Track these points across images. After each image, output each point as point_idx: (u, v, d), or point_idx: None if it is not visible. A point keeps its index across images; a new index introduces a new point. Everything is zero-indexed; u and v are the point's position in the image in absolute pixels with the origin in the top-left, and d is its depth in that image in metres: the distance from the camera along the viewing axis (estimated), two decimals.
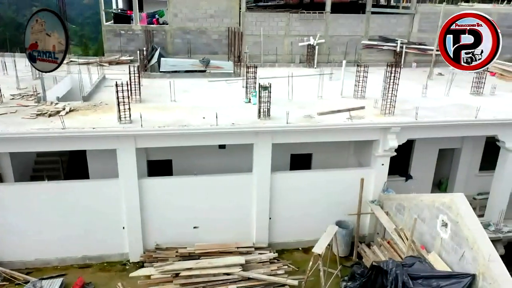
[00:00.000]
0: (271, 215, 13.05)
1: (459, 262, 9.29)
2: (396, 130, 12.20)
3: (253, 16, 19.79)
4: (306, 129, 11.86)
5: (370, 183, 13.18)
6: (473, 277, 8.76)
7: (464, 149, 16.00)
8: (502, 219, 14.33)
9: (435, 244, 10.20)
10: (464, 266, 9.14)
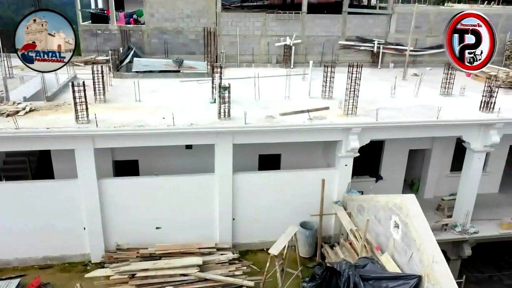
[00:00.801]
0: (234, 215, 13.03)
1: (408, 263, 9.29)
2: (357, 131, 12.17)
3: (229, 16, 19.76)
4: (265, 129, 11.83)
5: (334, 184, 13.18)
6: (419, 278, 8.76)
7: (434, 150, 15.99)
8: (469, 220, 14.38)
9: (389, 245, 10.18)
10: (412, 267, 9.13)
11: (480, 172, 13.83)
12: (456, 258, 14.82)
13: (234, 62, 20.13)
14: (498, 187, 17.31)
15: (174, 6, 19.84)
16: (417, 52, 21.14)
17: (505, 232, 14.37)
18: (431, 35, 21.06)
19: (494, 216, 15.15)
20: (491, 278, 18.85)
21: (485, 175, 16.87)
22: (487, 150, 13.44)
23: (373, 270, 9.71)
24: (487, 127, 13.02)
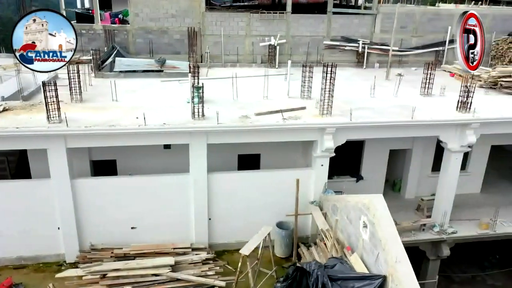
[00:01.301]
0: (210, 215, 13.02)
1: (375, 263, 9.27)
2: (331, 131, 12.15)
3: (213, 16, 19.73)
4: (237, 129, 11.81)
5: (310, 184, 13.16)
6: (384, 279, 8.75)
7: (415, 150, 15.98)
8: (448, 220, 14.39)
9: (359, 245, 10.17)
10: (379, 267, 9.12)
11: (457, 172, 13.80)
12: (435, 258, 14.80)
13: (219, 62, 20.11)
14: (480, 187, 17.29)
15: (159, 5, 19.80)
16: (402, 52, 21.12)
17: (484, 232, 14.35)
18: (417, 35, 21.05)
19: (475, 217, 15.12)
20: (475, 278, 18.86)
21: (467, 175, 16.95)
22: (464, 150, 13.42)
23: (341, 270, 9.70)
24: (464, 127, 13.01)
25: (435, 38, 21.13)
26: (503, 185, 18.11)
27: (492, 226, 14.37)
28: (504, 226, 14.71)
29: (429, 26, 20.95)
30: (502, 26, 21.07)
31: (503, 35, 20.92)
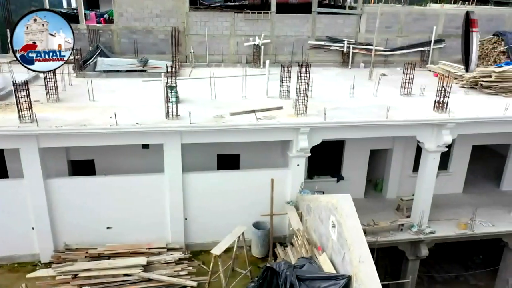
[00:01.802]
0: (186, 215, 13.00)
1: (342, 263, 9.26)
2: (306, 131, 12.13)
3: (197, 16, 19.72)
4: (210, 129, 11.79)
5: (287, 184, 13.15)
6: (348, 279, 8.74)
7: (395, 150, 15.96)
8: (426, 220, 14.37)
9: (328, 245, 10.15)
10: (345, 268, 9.10)
11: (435, 172, 13.79)
12: (415, 259, 14.79)
13: (204, 62, 20.10)
14: (462, 187, 17.27)
15: (143, 5, 19.77)
16: (387, 52, 21.11)
17: (462, 232, 14.34)
18: (402, 35, 21.03)
19: (455, 217, 15.11)
20: (458, 278, 18.89)
21: (448, 175, 16.96)
22: (441, 150, 13.39)
23: (310, 270, 9.69)
24: (440, 127, 12.99)
25: (421, 38, 21.11)
26: (486, 185, 18.11)
27: (470, 226, 14.35)
28: (483, 226, 14.69)
29: (414, 26, 20.93)
30: (487, 26, 21.01)
31: (488, 35, 20.88)
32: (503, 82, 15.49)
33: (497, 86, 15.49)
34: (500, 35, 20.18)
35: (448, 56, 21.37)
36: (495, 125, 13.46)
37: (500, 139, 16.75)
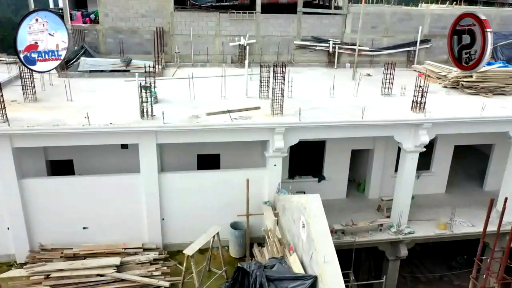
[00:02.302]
0: (164, 215, 12.98)
1: (310, 263, 9.25)
2: (281, 131, 12.11)
3: (182, 16, 19.70)
4: (184, 129, 11.78)
5: (264, 184, 13.13)
6: (315, 279, 8.73)
7: (377, 150, 15.95)
8: (405, 220, 14.38)
9: (299, 246, 10.14)
10: (313, 268, 9.09)
11: (414, 172, 13.78)
12: (395, 259, 14.76)
13: (189, 62, 20.09)
14: (445, 187, 17.26)
15: (128, 5, 19.75)
16: (373, 52, 21.10)
17: (441, 232, 14.33)
18: (388, 35, 21.01)
19: (437, 217, 15.11)
20: (442, 279, 18.87)
21: (431, 175, 16.95)
22: (419, 150, 13.37)
23: (279, 270, 9.69)
24: (417, 127, 12.98)
25: (407, 38, 21.10)
26: (470, 185, 18.10)
27: (450, 227, 14.34)
28: (463, 226, 14.69)
29: (400, 26, 20.92)
30: None
31: None
32: (484, 82, 15.49)
33: (478, 86, 15.49)
34: None
35: (434, 56, 21.36)
36: (472, 125, 13.46)
37: (482, 139, 16.75)
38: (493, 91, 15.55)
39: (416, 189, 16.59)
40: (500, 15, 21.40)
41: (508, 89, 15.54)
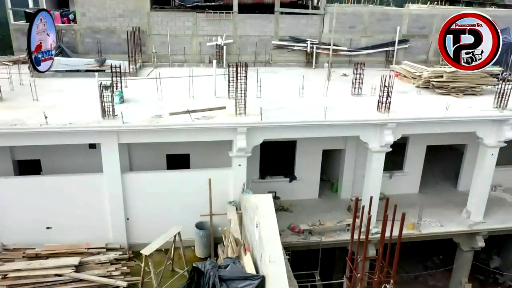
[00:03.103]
0: (128, 215, 12.96)
1: (261, 263, 9.23)
2: (243, 131, 12.10)
3: (158, 16, 19.70)
4: (142, 129, 11.77)
5: (229, 184, 13.11)
6: (262, 279, 8.72)
7: (348, 150, 15.94)
8: (373, 220, 14.29)
9: (255, 245, 10.13)
10: (263, 267, 9.08)
11: (380, 172, 13.78)
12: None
13: (167, 62, 20.08)
14: (418, 187, 17.25)
15: (106, 5, 19.74)
16: (352, 52, 21.10)
17: (409, 232, 14.32)
18: (366, 35, 21.00)
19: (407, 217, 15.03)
20: (417, 279, 18.88)
21: (404, 175, 16.96)
22: (385, 150, 13.35)
23: (232, 270, 9.67)
24: (382, 127, 12.97)
25: (385, 39, 21.09)
26: (444, 185, 18.10)
27: (417, 227, 14.34)
28: (432, 226, 14.68)
29: (378, 26, 20.91)
30: None
31: None
32: (454, 82, 15.48)
33: (449, 86, 15.48)
34: None
35: (413, 57, 21.37)
36: (438, 125, 13.47)
37: (455, 139, 16.75)
38: (463, 91, 15.54)
39: (389, 189, 16.70)
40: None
41: (479, 89, 15.53)
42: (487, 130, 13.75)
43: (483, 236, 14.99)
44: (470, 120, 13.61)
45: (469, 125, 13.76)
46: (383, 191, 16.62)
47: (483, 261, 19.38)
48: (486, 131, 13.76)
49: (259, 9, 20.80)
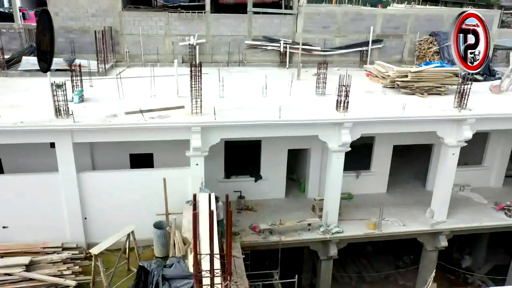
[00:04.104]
0: (86, 215, 12.96)
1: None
2: (197, 130, 12.10)
3: (130, 16, 19.69)
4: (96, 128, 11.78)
5: (188, 183, 13.11)
6: None
7: (313, 149, 15.94)
8: (335, 219, 14.39)
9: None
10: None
11: (341, 171, 13.75)
12: (327, 258, 14.75)
13: (140, 62, 20.08)
14: (386, 187, 17.25)
15: (78, 5, 19.72)
16: (326, 52, 21.10)
17: (370, 232, 14.34)
18: (340, 35, 21.00)
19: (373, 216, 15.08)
20: (388, 278, 18.89)
21: (371, 175, 16.97)
22: (344, 150, 13.34)
23: (175, 269, 9.71)
24: (340, 127, 12.98)
25: (359, 38, 21.09)
26: (413, 185, 18.11)
27: (379, 226, 14.35)
28: (394, 225, 14.70)
29: (352, 26, 20.91)
30: (426, 26, 21.02)
31: (426, 35, 20.91)
32: (419, 82, 15.49)
33: (413, 86, 15.49)
34: (435, 35, 20.23)
35: (388, 57, 21.38)
36: (396, 125, 13.48)
37: (422, 139, 16.74)
38: (428, 91, 15.55)
39: (356, 189, 16.78)
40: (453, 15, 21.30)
41: (443, 89, 15.55)
42: (447, 130, 13.78)
43: (447, 235, 15.00)
44: (430, 120, 13.63)
45: (429, 125, 13.78)
46: (351, 190, 16.77)
47: (456, 261, 19.46)
48: (446, 131, 13.78)
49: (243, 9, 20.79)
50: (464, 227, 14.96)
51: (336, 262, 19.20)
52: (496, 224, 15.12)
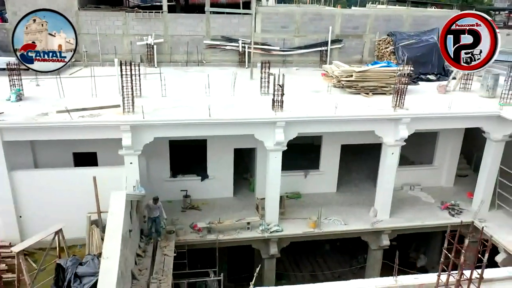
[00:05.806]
0: (21, 213, 13.00)
1: None
2: (126, 129, 12.15)
3: (87, 15, 19.74)
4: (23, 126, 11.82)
5: (123, 182, 13.14)
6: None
7: (259, 149, 15.93)
8: (275, 218, 14.45)
9: None
10: None
11: (279, 170, 13.83)
12: (269, 257, 14.78)
13: (98, 61, 20.12)
14: (335, 186, 17.30)
15: (36, 4, 19.66)
16: (285, 52, 21.17)
17: (309, 231, 14.38)
18: (299, 35, 21.10)
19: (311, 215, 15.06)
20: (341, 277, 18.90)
21: (320, 174, 17.02)
22: (280, 149, 13.41)
23: (87, 267, 9.76)
24: (274, 126, 13.03)
25: (319, 38, 21.19)
26: (364, 184, 18.13)
27: (319, 225, 14.41)
28: (335, 224, 14.75)
29: (311, 26, 21.01)
30: (385, 27, 21.13)
31: (385, 35, 21.01)
32: (363, 82, 15.57)
33: (358, 86, 15.57)
34: (392, 36, 20.34)
35: (348, 56, 21.49)
36: (333, 124, 13.55)
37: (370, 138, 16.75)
38: (373, 91, 15.63)
39: (305, 188, 16.83)
40: (412, 15, 21.49)
41: (388, 89, 15.61)
42: (385, 129, 13.85)
43: (389, 234, 15.06)
44: (367, 119, 13.70)
45: (366, 124, 13.85)
46: (299, 190, 16.82)
47: (413, 260, 19.53)
48: (384, 130, 13.86)
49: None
50: (406, 226, 15.01)
51: (292, 261, 19.42)
52: (439, 223, 15.15)
